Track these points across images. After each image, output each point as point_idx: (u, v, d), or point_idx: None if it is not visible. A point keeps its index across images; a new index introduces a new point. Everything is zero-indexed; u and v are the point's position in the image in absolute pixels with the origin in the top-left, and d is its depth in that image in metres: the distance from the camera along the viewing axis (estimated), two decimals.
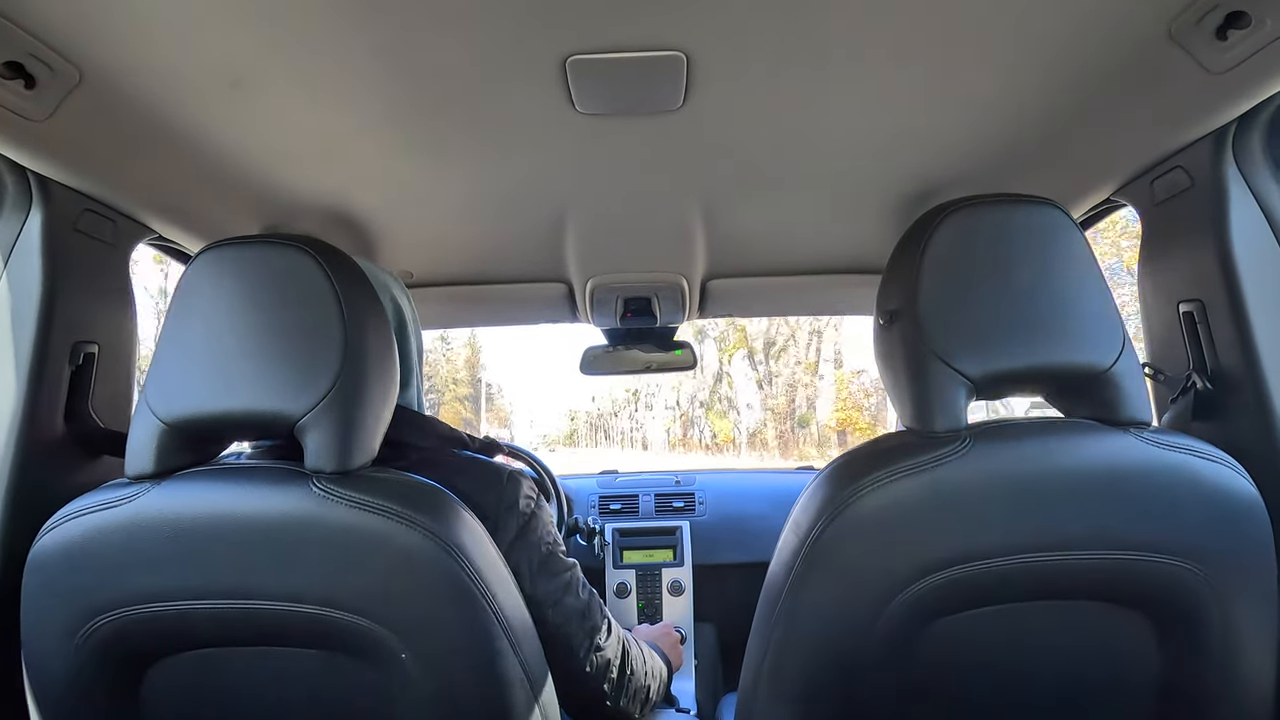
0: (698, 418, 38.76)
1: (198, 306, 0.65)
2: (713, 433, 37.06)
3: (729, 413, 36.22)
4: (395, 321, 0.87)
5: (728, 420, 36.20)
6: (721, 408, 36.72)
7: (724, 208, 1.12)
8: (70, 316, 0.84)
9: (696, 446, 38.24)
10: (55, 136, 0.76)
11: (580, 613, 0.83)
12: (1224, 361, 0.81)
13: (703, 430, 38.04)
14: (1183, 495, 0.62)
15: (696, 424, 38.95)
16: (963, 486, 0.62)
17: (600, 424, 50.14)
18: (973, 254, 0.66)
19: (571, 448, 49.92)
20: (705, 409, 37.73)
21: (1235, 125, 0.79)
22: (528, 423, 56.27)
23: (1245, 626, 0.65)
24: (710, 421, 37.37)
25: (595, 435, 49.97)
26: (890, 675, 0.66)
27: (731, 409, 35.88)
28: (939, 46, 0.72)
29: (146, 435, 0.64)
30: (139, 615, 0.62)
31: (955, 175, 1.01)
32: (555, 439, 52.51)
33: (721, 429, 36.49)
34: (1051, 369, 0.65)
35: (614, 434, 47.87)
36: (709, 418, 37.51)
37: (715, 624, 1.78)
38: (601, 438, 48.97)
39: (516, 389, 68.30)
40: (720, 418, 36.68)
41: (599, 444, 48.69)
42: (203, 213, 1.03)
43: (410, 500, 0.63)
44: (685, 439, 39.64)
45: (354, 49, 0.70)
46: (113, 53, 0.67)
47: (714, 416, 37.10)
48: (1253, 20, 0.63)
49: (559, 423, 55.27)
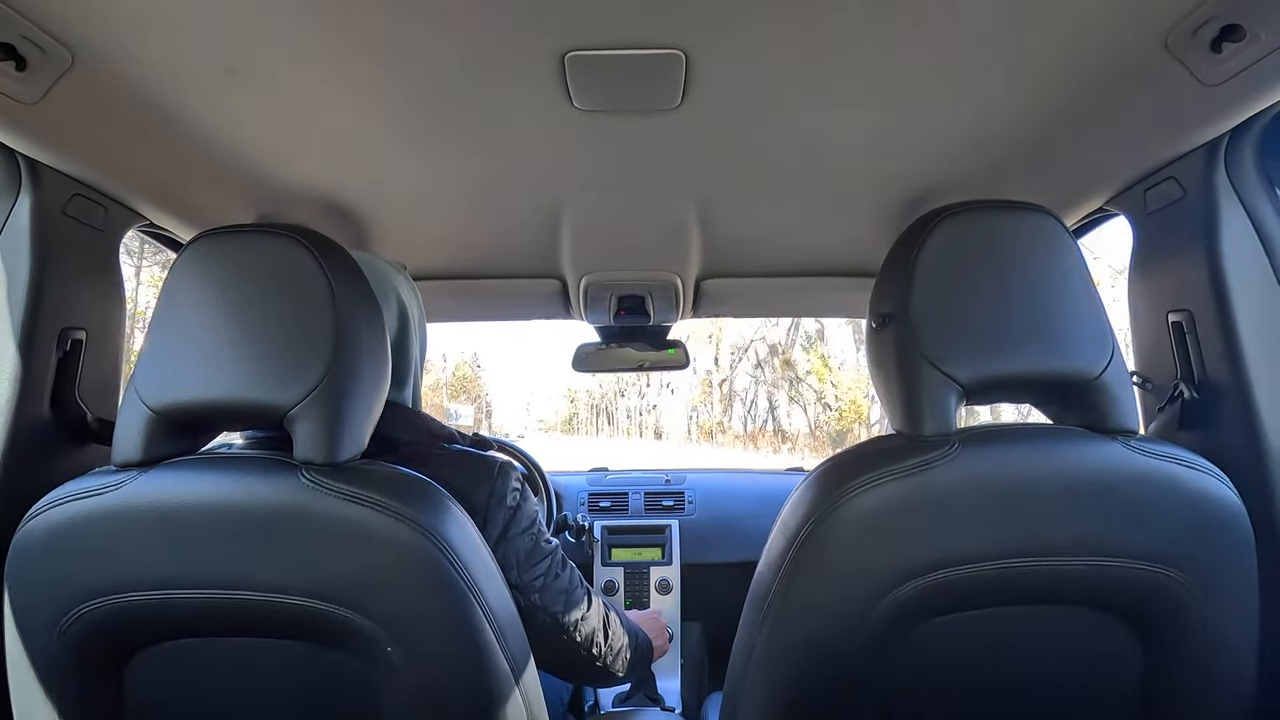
0: (751, 395, 24.94)
1: (189, 294, 0.64)
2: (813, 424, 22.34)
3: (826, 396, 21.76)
4: (399, 318, 0.87)
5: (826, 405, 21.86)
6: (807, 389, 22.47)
7: (719, 207, 1.12)
8: (58, 302, 0.83)
9: (748, 439, 25.01)
10: (46, 120, 0.75)
11: (565, 591, 0.86)
12: (1211, 372, 0.82)
13: (775, 417, 24.27)
14: (1167, 503, 0.63)
15: (750, 404, 25.10)
16: (950, 491, 0.63)
17: (603, 406, 44.33)
18: (966, 259, 0.66)
19: (570, 434, 45.65)
20: (789, 384, 23.46)
21: (1228, 137, 0.79)
22: (524, 406, 54.20)
23: (1226, 634, 0.66)
24: (795, 404, 23.25)
25: (597, 420, 44.65)
26: (875, 677, 0.66)
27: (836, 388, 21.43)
28: (936, 52, 0.72)
29: (135, 423, 0.64)
30: (123, 603, 0.62)
31: (950, 180, 1.01)
32: (552, 424, 49.00)
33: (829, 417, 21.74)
34: (1041, 375, 0.65)
35: (620, 419, 41.34)
36: (794, 394, 23.20)
37: (702, 623, 1.78)
38: (604, 423, 43.58)
39: (513, 369, 66.23)
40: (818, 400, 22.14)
41: (601, 430, 43.24)
42: (195, 200, 1.02)
43: (398, 493, 0.62)
44: (723, 426, 26.72)
45: (352, 39, 0.69)
46: (106, 36, 0.67)
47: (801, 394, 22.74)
48: (1248, 34, 0.64)
49: (557, 405, 50.60)
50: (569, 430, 47.36)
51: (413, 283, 0.92)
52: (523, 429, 47.16)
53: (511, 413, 53.83)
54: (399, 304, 0.87)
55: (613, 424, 42.19)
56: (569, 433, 47.09)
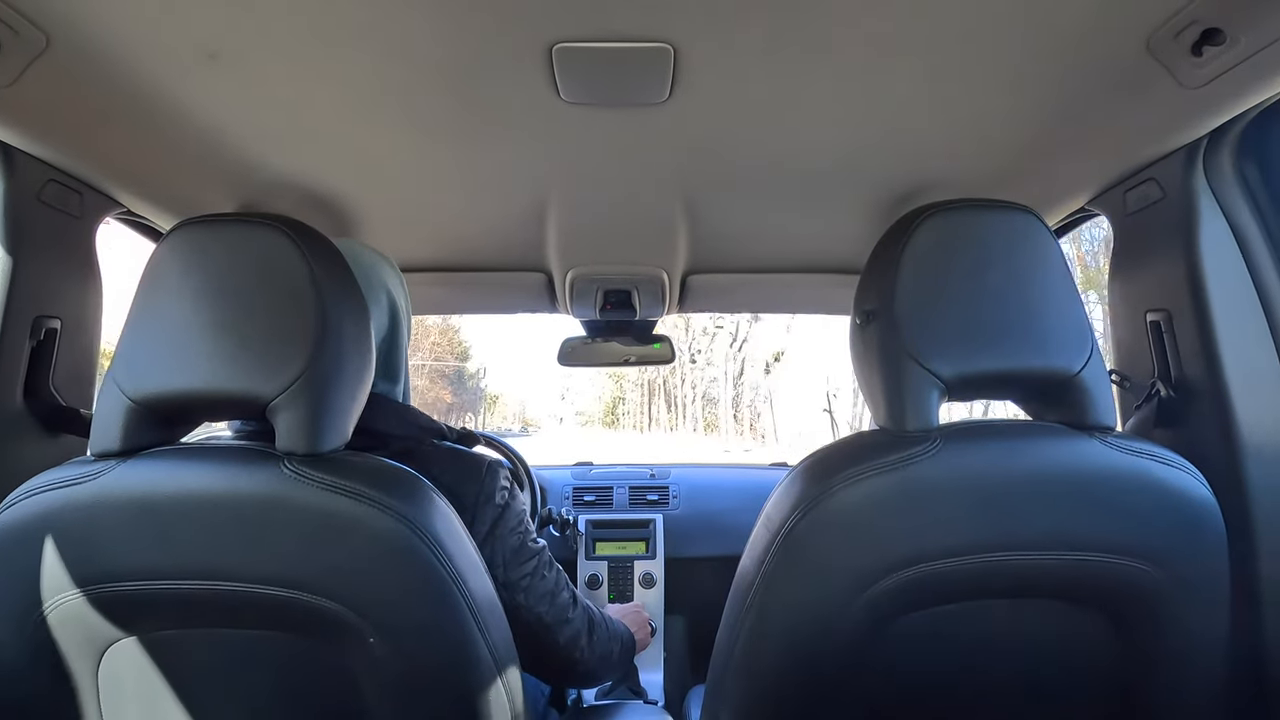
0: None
1: (169, 284, 0.63)
2: None
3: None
4: (389, 314, 0.86)
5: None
6: None
7: (706, 203, 1.12)
8: (32, 290, 0.82)
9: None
10: (19, 103, 0.73)
11: (550, 593, 0.86)
12: (1188, 370, 0.83)
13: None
14: (1142, 499, 0.64)
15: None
16: (931, 486, 0.63)
17: (659, 384, 32.52)
18: (950, 257, 0.67)
19: (613, 427, 37.80)
20: None
21: (1206, 140, 0.81)
22: (559, 394, 50.50)
23: (1197, 627, 0.67)
24: None
25: (650, 406, 33.66)
26: (857, 669, 0.67)
27: None
28: (924, 51, 0.73)
29: (113, 412, 0.63)
30: (99, 595, 0.61)
31: (935, 179, 1.02)
32: (590, 416, 43.61)
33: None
34: (1021, 372, 0.66)
35: (683, 402, 30.70)
36: None
37: (685, 617, 1.79)
38: (658, 410, 33.11)
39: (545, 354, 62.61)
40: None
41: (657, 419, 32.34)
42: (175, 188, 1.01)
43: (382, 484, 0.62)
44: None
45: (337, 25, 0.68)
46: (83, 19, 0.65)
47: None
48: (1228, 38, 0.65)
49: (599, 387, 42.72)
50: (611, 421, 40.67)
51: (400, 273, 0.91)
52: (559, 418, 43.83)
53: (544, 401, 49.76)
54: (389, 299, 0.86)
55: (674, 409, 30.69)
56: (611, 425, 40.67)
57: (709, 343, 29.27)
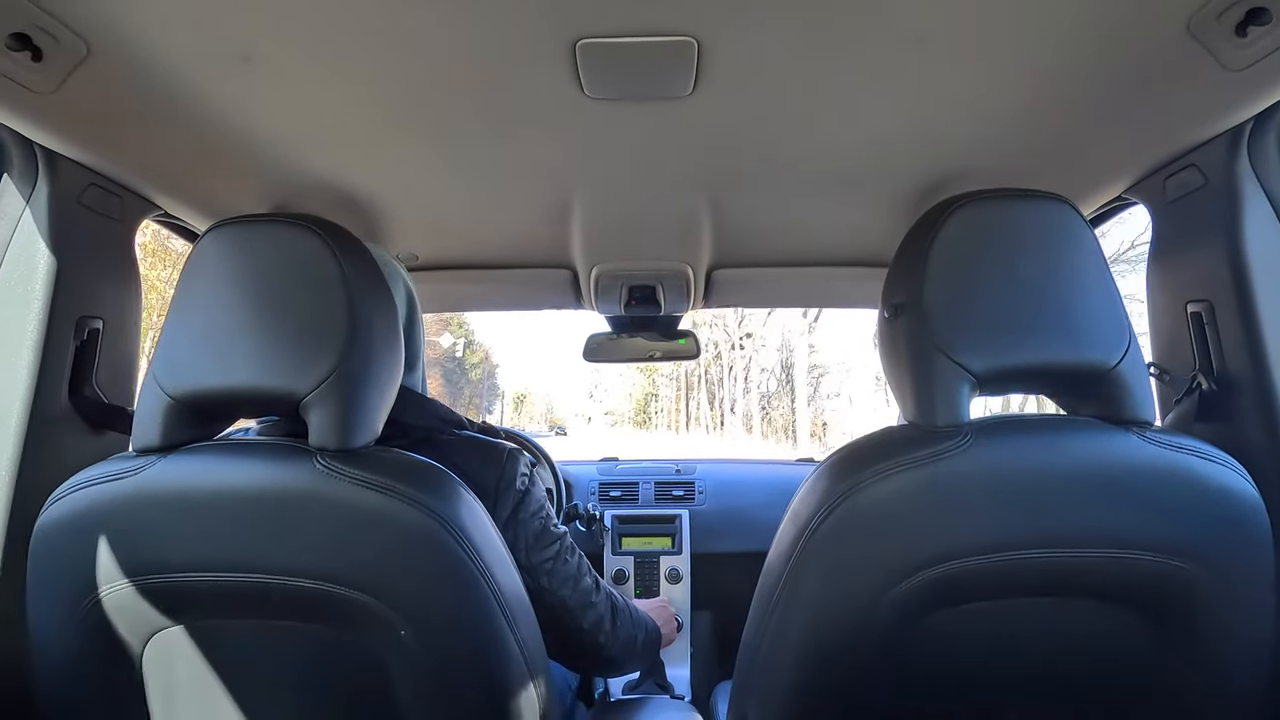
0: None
1: (205, 284, 0.65)
2: None
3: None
4: (407, 303, 0.88)
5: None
6: None
7: (731, 197, 1.11)
8: (75, 291, 0.84)
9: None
10: (62, 109, 0.76)
11: (573, 577, 0.87)
12: (1230, 363, 0.80)
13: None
14: (1183, 496, 0.62)
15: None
16: (962, 481, 0.62)
17: (695, 378, 28.49)
18: (980, 249, 0.65)
19: (644, 429, 34.54)
20: None
21: (1251, 124, 0.78)
22: (587, 392, 49.41)
23: (1241, 628, 0.65)
24: None
25: (685, 403, 29.91)
26: (885, 667, 0.66)
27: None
28: (954, 38, 0.71)
29: (153, 409, 0.65)
30: (142, 586, 0.63)
31: (965, 169, 1.00)
32: (620, 415, 41.95)
33: None
34: (1056, 366, 0.64)
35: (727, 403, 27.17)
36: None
37: (712, 612, 1.79)
38: (695, 406, 29.37)
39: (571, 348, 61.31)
40: None
41: (697, 417, 28.48)
42: (210, 190, 1.03)
43: (411, 478, 0.63)
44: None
45: (365, 27, 0.69)
46: (121, 26, 0.67)
47: None
48: (1273, 17, 0.62)
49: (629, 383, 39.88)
50: (642, 420, 37.68)
51: (407, 270, 0.94)
52: (587, 418, 42.87)
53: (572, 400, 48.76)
54: (406, 289, 0.89)
55: (716, 406, 27.43)
56: (643, 424, 37.60)
57: (763, 322, 23.10)
